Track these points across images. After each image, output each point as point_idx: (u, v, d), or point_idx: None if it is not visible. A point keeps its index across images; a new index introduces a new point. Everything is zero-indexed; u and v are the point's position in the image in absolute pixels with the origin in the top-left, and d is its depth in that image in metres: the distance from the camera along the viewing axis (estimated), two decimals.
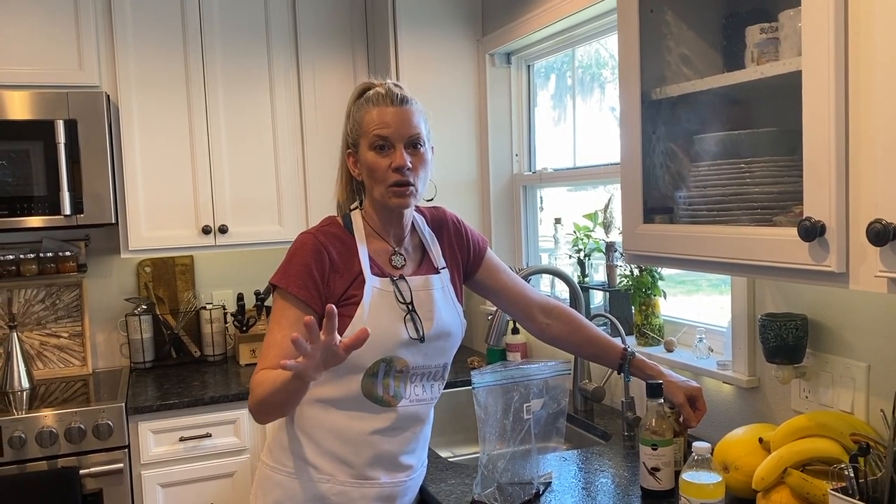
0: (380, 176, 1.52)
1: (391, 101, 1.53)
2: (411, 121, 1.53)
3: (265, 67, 2.96)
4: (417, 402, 1.59)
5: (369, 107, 1.54)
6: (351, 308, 1.51)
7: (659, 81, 1.51)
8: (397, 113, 1.52)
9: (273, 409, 1.43)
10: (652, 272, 2.12)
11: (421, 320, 1.56)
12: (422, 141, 1.54)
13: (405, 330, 1.54)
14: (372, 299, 1.52)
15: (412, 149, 1.53)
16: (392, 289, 1.56)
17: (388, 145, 1.51)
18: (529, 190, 2.95)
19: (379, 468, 1.59)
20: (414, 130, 1.53)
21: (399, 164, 1.50)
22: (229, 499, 2.62)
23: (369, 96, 1.55)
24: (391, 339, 1.52)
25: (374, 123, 1.52)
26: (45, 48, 2.66)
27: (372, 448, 1.57)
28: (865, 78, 1.04)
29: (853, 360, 1.50)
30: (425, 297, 1.58)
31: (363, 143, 1.54)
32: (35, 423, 2.39)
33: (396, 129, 1.51)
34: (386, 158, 1.51)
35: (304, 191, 3.04)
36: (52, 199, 2.60)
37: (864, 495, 1.18)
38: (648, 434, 1.56)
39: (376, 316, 1.52)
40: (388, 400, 1.55)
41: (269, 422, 1.51)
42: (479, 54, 2.95)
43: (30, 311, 2.95)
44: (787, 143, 1.30)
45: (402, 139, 1.51)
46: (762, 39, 1.33)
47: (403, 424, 1.58)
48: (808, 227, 1.09)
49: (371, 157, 1.52)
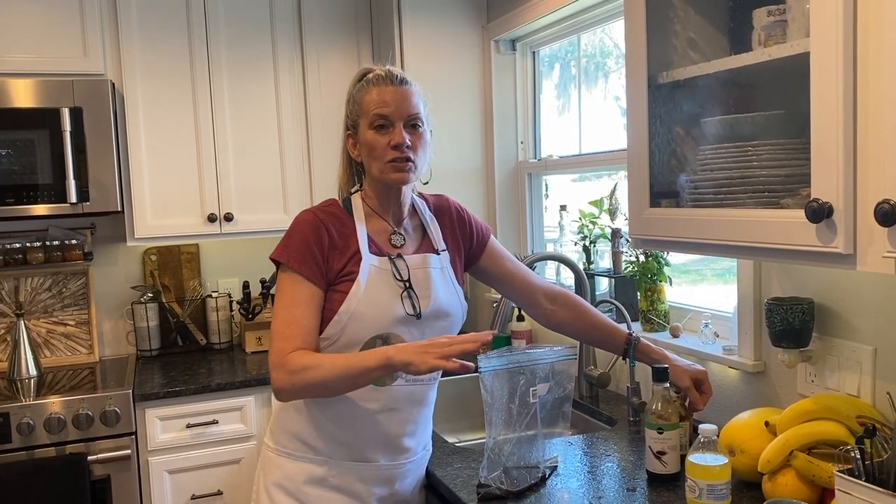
0: (379, 153, 1.53)
1: (391, 81, 1.55)
2: (411, 100, 1.54)
3: (269, 55, 2.95)
4: (414, 381, 1.60)
5: (369, 87, 1.55)
6: (347, 284, 1.52)
7: (666, 65, 1.50)
8: (397, 92, 1.53)
9: (335, 390, 1.48)
10: (658, 258, 2.12)
11: (418, 297, 1.57)
12: (421, 121, 1.55)
13: (402, 306, 1.55)
14: (369, 276, 1.53)
15: (411, 128, 1.54)
16: (389, 267, 1.57)
17: (387, 124, 1.53)
18: (535, 177, 2.95)
19: (378, 450, 1.60)
20: (413, 110, 1.54)
21: (398, 141, 1.51)
22: (236, 485, 2.63)
23: (369, 78, 1.57)
24: (387, 315, 1.53)
25: (374, 103, 1.53)
26: (49, 36, 2.66)
27: (369, 428, 1.58)
28: (874, 57, 1.03)
29: (859, 344, 1.50)
30: (422, 275, 1.59)
31: (363, 123, 1.55)
32: (43, 410, 2.40)
33: (396, 108, 1.52)
34: (385, 136, 1.53)
35: (308, 179, 3.04)
36: (58, 188, 2.60)
37: (871, 477, 1.18)
38: (654, 418, 1.56)
39: (373, 292, 1.53)
40: (383, 378, 1.56)
41: (304, 398, 1.56)
42: (483, 41, 2.94)
43: (36, 300, 2.96)
44: (794, 126, 1.29)
45: (401, 118, 1.53)
46: (770, 22, 1.32)
47: (399, 405, 1.59)
48: (815, 208, 1.09)
49: (370, 136, 1.54)
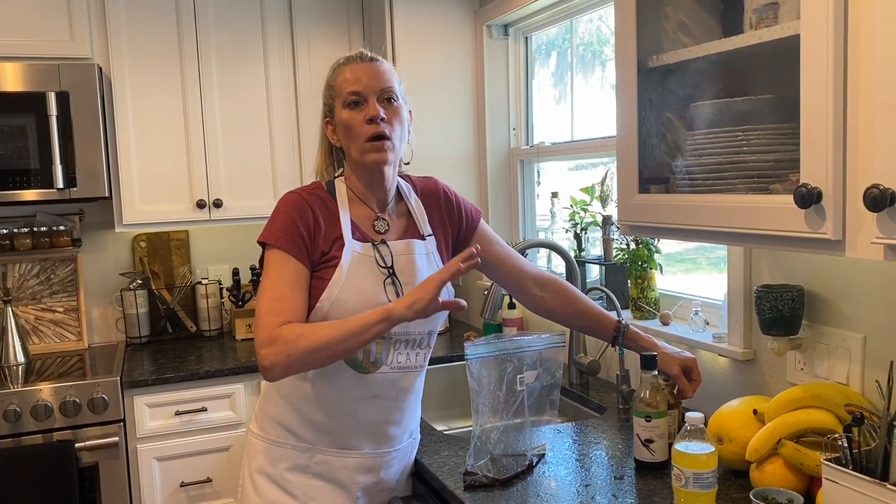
0: (355, 131, 1.52)
1: (361, 58, 1.56)
2: (383, 76, 1.54)
3: (259, 39, 2.92)
4: (400, 369, 1.58)
5: (342, 69, 1.56)
6: (329, 270, 1.51)
7: (656, 49, 1.48)
8: (368, 68, 1.54)
9: (335, 352, 1.42)
10: (648, 245, 2.11)
11: (401, 284, 1.55)
12: (395, 95, 1.55)
13: (384, 294, 1.53)
14: (351, 263, 1.52)
15: (386, 102, 1.53)
16: (372, 253, 1.55)
17: (361, 100, 1.52)
18: (527, 164, 2.93)
19: (362, 438, 1.59)
20: (386, 83, 1.54)
21: (373, 114, 1.50)
22: (225, 472, 2.62)
23: (341, 60, 1.59)
24: (370, 302, 1.50)
25: (347, 82, 1.54)
26: (36, 18, 2.62)
27: (352, 416, 1.57)
28: (865, 41, 1.01)
29: (849, 332, 1.49)
30: (406, 261, 1.57)
31: (338, 104, 1.55)
32: (30, 397, 2.39)
33: (368, 83, 1.52)
34: (360, 113, 1.52)
35: (298, 165, 3.01)
36: (45, 173, 2.57)
37: (858, 465, 1.17)
38: (642, 406, 1.55)
39: (356, 279, 1.51)
40: (367, 366, 1.54)
41: (297, 373, 1.49)
42: (476, 26, 2.91)
43: (24, 286, 2.94)
44: (784, 111, 1.27)
45: (374, 92, 1.52)
46: (761, 4, 1.30)
47: (384, 392, 1.58)
48: (804, 193, 1.07)
49: (346, 115, 1.53)
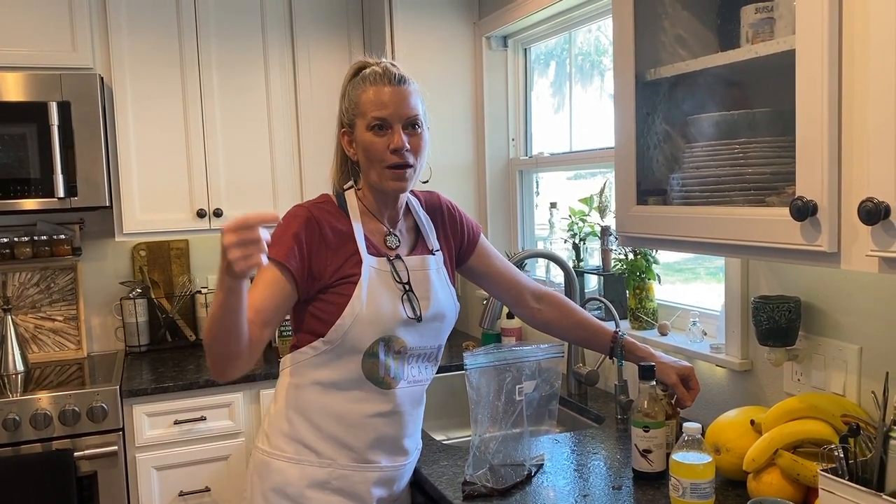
0: (377, 157, 1.49)
1: (388, 80, 1.49)
2: (409, 101, 1.49)
3: (260, 49, 2.94)
4: (414, 383, 1.59)
5: (366, 86, 1.50)
6: (349, 287, 1.50)
7: (654, 62, 1.49)
8: (395, 93, 1.48)
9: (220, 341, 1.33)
10: (647, 256, 2.12)
11: (418, 300, 1.55)
12: (419, 122, 1.51)
13: (403, 310, 1.53)
14: (370, 279, 1.51)
15: (410, 129, 1.50)
16: (389, 268, 1.55)
17: (385, 126, 1.48)
18: (526, 175, 2.94)
19: (380, 452, 1.58)
20: (412, 111, 1.49)
21: (397, 145, 1.47)
22: (224, 482, 2.62)
23: (366, 75, 1.52)
24: (390, 318, 1.51)
25: (371, 104, 1.48)
26: (38, 29, 2.64)
27: (373, 431, 1.56)
28: (860, 55, 1.03)
29: (845, 343, 1.50)
30: (422, 277, 1.58)
31: (360, 124, 1.51)
32: (29, 406, 2.39)
33: (395, 110, 1.48)
34: (384, 139, 1.48)
35: (299, 174, 3.02)
36: (46, 182, 2.58)
37: (854, 476, 1.18)
38: (640, 416, 1.56)
39: (374, 296, 1.51)
40: (388, 381, 1.54)
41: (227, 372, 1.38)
42: (475, 37, 2.93)
43: (24, 295, 2.94)
44: (781, 124, 1.29)
45: (400, 120, 1.48)
46: (757, 19, 1.31)
47: (402, 407, 1.58)
48: (800, 206, 1.09)
49: (368, 138, 1.49)
